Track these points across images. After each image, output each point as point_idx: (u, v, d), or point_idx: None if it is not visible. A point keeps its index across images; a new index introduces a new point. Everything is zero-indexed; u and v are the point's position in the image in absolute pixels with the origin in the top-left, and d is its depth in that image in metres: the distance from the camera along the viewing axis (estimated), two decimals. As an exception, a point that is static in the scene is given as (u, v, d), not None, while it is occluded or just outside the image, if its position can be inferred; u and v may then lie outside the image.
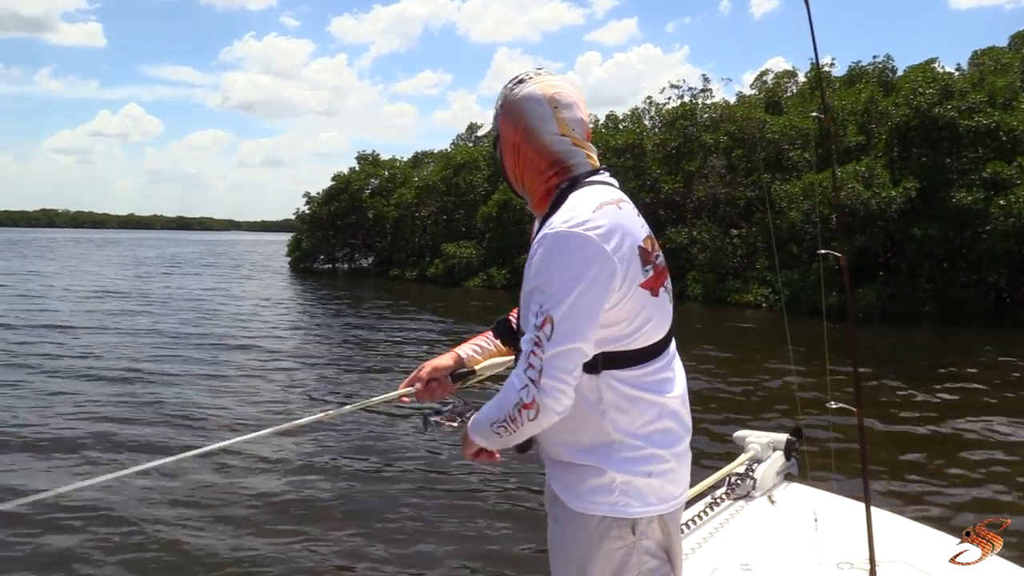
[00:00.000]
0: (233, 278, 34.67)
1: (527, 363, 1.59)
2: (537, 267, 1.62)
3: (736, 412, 8.99)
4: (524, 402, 1.59)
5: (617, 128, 31.62)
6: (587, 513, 1.68)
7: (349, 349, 14.16)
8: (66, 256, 51.70)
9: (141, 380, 10.40)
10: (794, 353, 11.79)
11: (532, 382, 1.58)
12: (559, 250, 1.58)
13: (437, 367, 1.98)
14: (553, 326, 1.56)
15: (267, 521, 5.52)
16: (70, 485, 1.87)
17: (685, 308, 22.29)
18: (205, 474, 6.43)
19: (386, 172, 40.68)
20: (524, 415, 1.60)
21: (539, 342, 1.57)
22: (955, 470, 6.94)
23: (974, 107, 20.60)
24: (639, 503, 1.67)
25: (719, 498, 3.32)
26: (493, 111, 1.83)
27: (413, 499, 6.03)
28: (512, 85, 1.78)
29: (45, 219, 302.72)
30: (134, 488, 5.97)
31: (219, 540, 5.17)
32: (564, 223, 1.59)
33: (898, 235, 21.10)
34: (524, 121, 1.74)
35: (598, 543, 1.68)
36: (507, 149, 1.78)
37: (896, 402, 9.76)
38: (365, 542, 5.21)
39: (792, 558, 2.77)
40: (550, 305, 1.57)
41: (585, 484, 1.68)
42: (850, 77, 27.86)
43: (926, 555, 2.80)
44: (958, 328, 18.14)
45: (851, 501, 3.11)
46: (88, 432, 7.72)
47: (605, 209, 1.62)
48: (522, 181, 1.80)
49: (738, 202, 25.32)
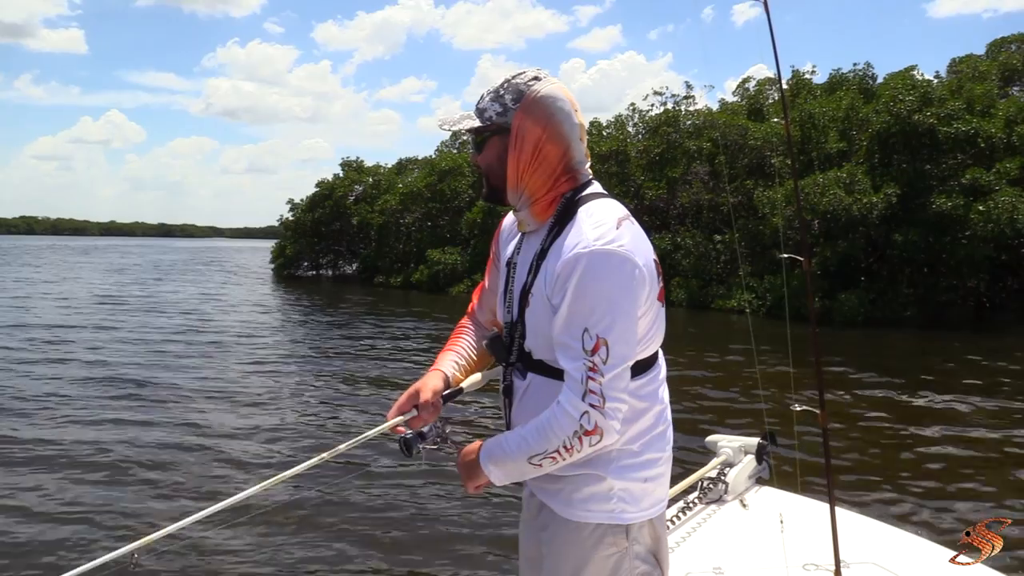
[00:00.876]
0: (222, 284, 34.86)
1: (585, 388, 1.54)
2: (577, 288, 1.55)
3: (708, 416, 9.01)
4: (587, 429, 1.54)
5: (601, 135, 31.74)
6: (581, 521, 1.67)
7: (345, 355, 14.10)
8: (53, 264, 51.17)
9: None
10: (769, 357, 11.89)
11: (594, 408, 1.54)
12: (600, 270, 1.54)
13: (436, 390, 1.84)
14: (608, 349, 1.53)
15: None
16: (183, 522, 1.75)
17: (669, 314, 22.14)
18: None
19: (370, 179, 40.60)
20: (586, 442, 1.56)
21: (595, 367, 1.53)
22: (929, 473, 6.99)
23: (953, 114, 20.84)
24: (635, 508, 1.67)
25: (691, 502, 3.34)
26: (493, 103, 1.69)
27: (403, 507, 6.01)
28: (529, 81, 1.67)
29: (24, 226, 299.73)
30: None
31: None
32: (597, 241, 1.55)
33: (880, 241, 21.30)
34: (554, 121, 1.65)
35: (592, 550, 1.66)
36: (522, 146, 1.66)
37: (874, 406, 9.83)
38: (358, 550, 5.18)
39: (763, 561, 2.78)
40: (601, 328, 1.53)
41: (580, 493, 1.66)
42: (831, 84, 28.10)
43: (894, 556, 2.83)
44: (939, 333, 18.31)
45: (821, 503, 3.10)
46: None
47: (625, 225, 1.60)
48: (525, 183, 1.69)
49: (721, 208, 25.48)
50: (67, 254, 71.72)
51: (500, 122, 1.68)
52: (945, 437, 8.28)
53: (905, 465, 7.26)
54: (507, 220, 1.92)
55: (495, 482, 1.70)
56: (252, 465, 7.04)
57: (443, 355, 1.96)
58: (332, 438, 7.97)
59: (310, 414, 9.32)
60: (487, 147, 1.72)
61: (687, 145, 27.24)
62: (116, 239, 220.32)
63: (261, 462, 7.14)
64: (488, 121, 1.69)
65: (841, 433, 8.19)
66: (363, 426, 7.93)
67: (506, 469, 1.66)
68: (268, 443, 7.83)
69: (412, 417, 1.81)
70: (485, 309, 2.02)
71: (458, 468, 1.77)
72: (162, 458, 7.17)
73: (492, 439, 1.71)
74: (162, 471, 6.81)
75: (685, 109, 29.99)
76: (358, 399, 10.31)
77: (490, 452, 1.68)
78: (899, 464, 7.30)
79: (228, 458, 7.27)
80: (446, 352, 1.97)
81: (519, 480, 1.70)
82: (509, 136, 1.67)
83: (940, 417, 9.21)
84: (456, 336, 2.01)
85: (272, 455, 7.39)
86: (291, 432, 8.34)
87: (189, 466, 6.98)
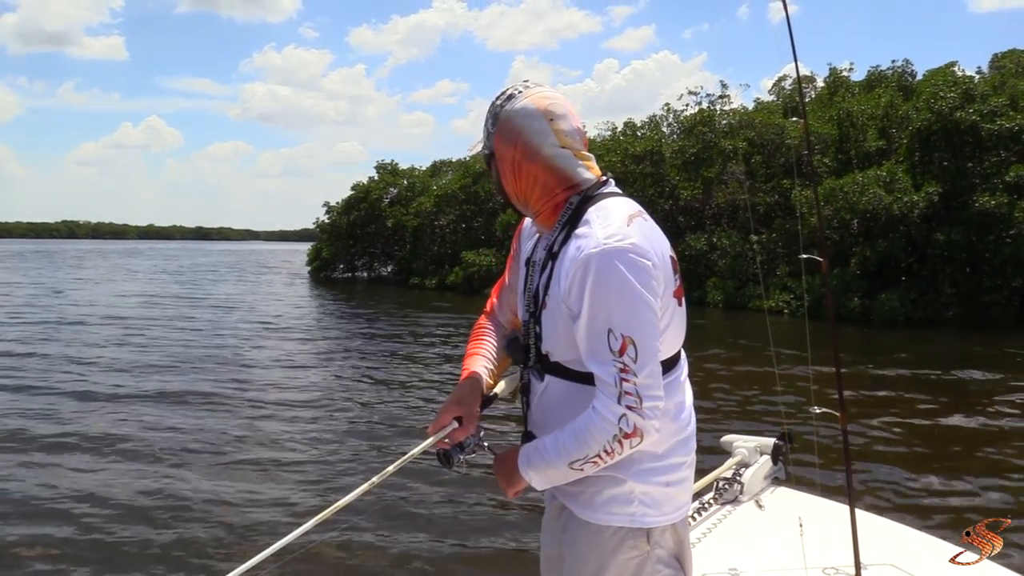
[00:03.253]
0: (270, 284, 36.81)
1: (619, 391, 1.52)
2: (593, 290, 1.53)
3: (726, 416, 8.96)
4: (625, 432, 1.53)
5: (635, 135, 31.67)
6: (602, 524, 1.66)
7: (388, 356, 14.31)
8: (107, 267, 52.56)
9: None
10: (797, 358, 11.73)
11: (631, 410, 1.52)
12: (613, 269, 1.52)
13: (477, 400, 1.82)
14: (636, 348, 1.51)
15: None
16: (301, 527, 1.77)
17: (705, 315, 22.26)
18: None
19: (405, 181, 40.92)
20: (627, 444, 1.54)
21: (626, 368, 1.51)
22: (957, 475, 6.87)
23: (996, 110, 20.49)
24: (656, 512, 1.66)
25: (707, 503, 3.32)
26: (483, 131, 1.75)
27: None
28: (502, 102, 1.69)
29: (66, 230, 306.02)
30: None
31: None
32: (606, 240, 1.53)
33: (920, 240, 20.99)
34: (522, 138, 1.65)
35: (612, 553, 1.66)
36: (505, 168, 1.70)
37: (907, 407, 9.70)
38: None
39: (780, 563, 2.75)
40: (624, 327, 1.52)
41: (601, 495, 1.66)
42: (869, 82, 27.76)
43: (913, 558, 2.79)
44: (982, 333, 18.00)
45: (838, 504, 3.04)
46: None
47: (636, 222, 1.58)
48: (526, 200, 1.72)
49: (758, 208, 25.28)
50: (114, 257, 73.40)
51: (489, 147, 1.73)
52: (976, 437, 8.15)
53: (931, 466, 7.14)
54: (528, 221, 1.93)
55: (536, 486, 1.70)
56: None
57: (473, 360, 1.92)
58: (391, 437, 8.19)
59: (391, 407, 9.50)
60: (493, 169, 1.75)
61: (723, 145, 27.08)
62: (155, 242, 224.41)
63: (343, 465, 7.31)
64: (486, 147, 1.74)
65: (867, 433, 8.13)
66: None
67: (547, 475, 1.65)
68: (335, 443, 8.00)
69: (454, 430, 1.77)
70: (505, 307, 2.00)
71: (496, 474, 1.77)
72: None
73: (529, 445, 1.70)
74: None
75: (720, 108, 29.81)
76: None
77: (529, 459, 1.67)
78: (924, 465, 7.18)
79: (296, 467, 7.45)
80: (475, 357, 1.92)
81: (561, 483, 1.69)
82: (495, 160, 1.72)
83: (974, 419, 9.05)
84: (479, 338, 1.97)
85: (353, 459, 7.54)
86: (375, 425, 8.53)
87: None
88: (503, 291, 2.01)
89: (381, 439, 8.20)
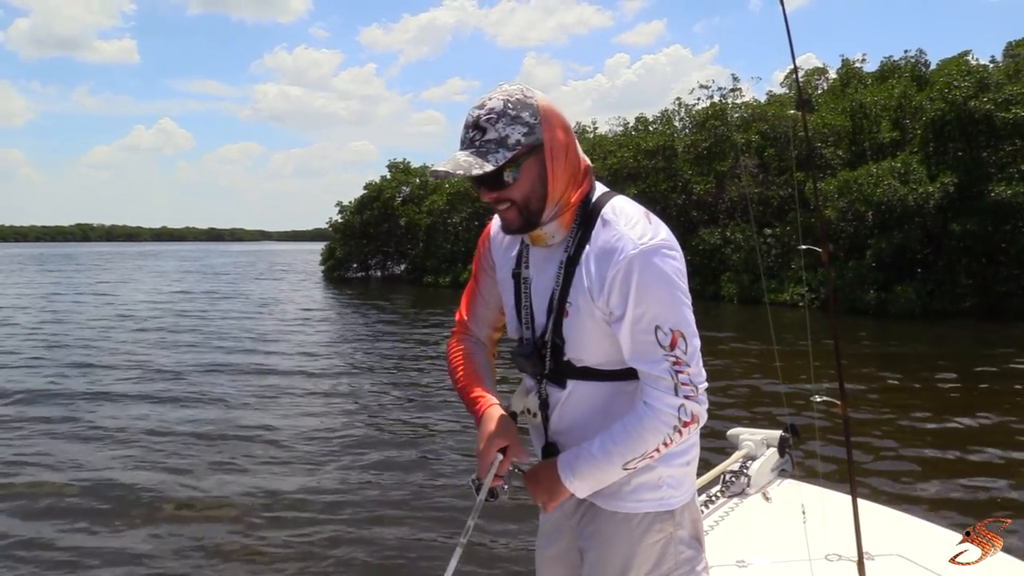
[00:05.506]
0: (287, 283, 37.81)
1: (676, 383, 1.58)
2: (639, 290, 1.55)
3: (733, 410, 8.92)
4: (685, 420, 1.59)
5: (647, 130, 31.63)
6: (630, 512, 1.70)
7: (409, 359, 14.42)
8: (131, 269, 53.08)
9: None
10: (807, 350, 11.67)
11: (688, 399, 1.58)
12: (653, 268, 1.56)
13: (511, 428, 1.76)
14: (686, 340, 1.58)
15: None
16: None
17: (720, 309, 22.23)
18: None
19: (417, 179, 40.99)
20: (685, 432, 1.61)
21: (679, 361, 1.57)
22: (965, 467, 6.82)
23: (1011, 99, 20.30)
24: (679, 493, 1.72)
25: (714, 496, 3.35)
26: (512, 128, 1.58)
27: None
28: (526, 94, 1.60)
29: (80, 233, 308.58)
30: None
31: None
32: (640, 240, 1.57)
33: (936, 231, 20.89)
34: (566, 124, 1.65)
35: (640, 539, 1.70)
36: (558, 156, 1.62)
37: (920, 400, 9.62)
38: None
39: (787, 554, 2.78)
40: (672, 322, 1.57)
41: (629, 485, 1.69)
42: (882, 72, 27.62)
43: (920, 548, 2.81)
44: (999, 324, 17.89)
45: (845, 496, 3.05)
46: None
47: (653, 218, 1.63)
48: (561, 194, 1.64)
49: (771, 201, 25.22)
50: (134, 259, 74.08)
51: (530, 142, 1.58)
52: (985, 431, 8.10)
53: (943, 458, 7.12)
54: (493, 227, 1.89)
55: (579, 495, 1.69)
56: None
57: (477, 388, 1.82)
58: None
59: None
60: (523, 173, 1.60)
61: (735, 138, 27.01)
62: (168, 244, 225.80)
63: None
64: (517, 146, 1.57)
65: (876, 425, 8.10)
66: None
67: (594, 479, 1.65)
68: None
69: (501, 461, 1.71)
70: (482, 323, 1.95)
71: (531, 489, 1.74)
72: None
73: (568, 454, 1.69)
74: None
75: (732, 102, 29.72)
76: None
77: (572, 467, 1.66)
78: (935, 457, 7.15)
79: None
80: (478, 382, 1.84)
81: (602, 487, 1.68)
82: (543, 151, 1.60)
83: (989, 411, 8.97)
84: (470, 361, 1.89)
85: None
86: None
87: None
88: (475, 306, 1.95)
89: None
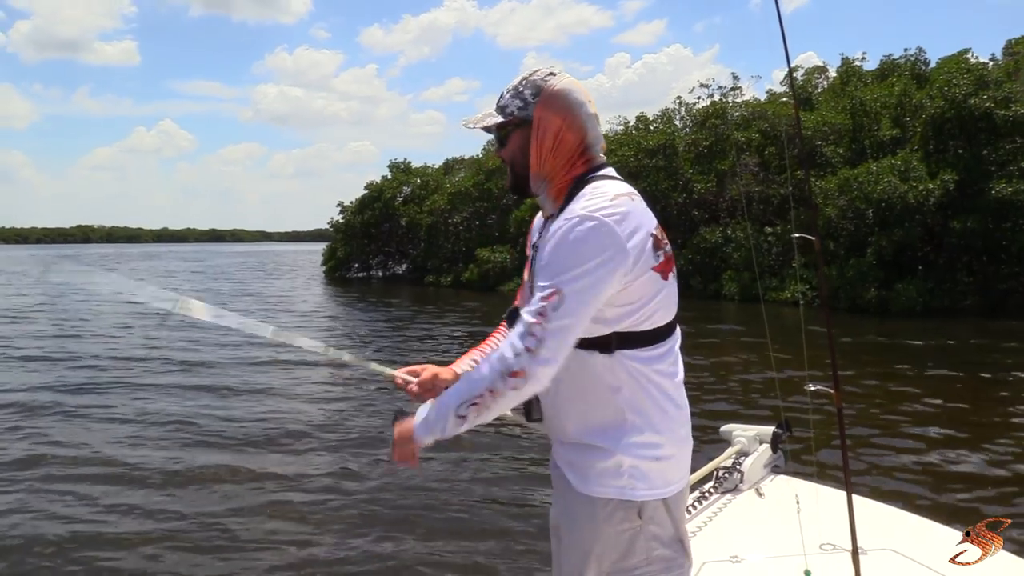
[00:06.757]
0: (294, 282, 37.90)
1: (526, 331, 1.59)
2: (553, 248, 1.62)
3: (726, 406, 8.98)
4: (513, 369, 1.58)
5: (648, 129, 31.65)
6: (595, 496, 1.72)
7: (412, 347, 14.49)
8: (140, 271, 53.05)
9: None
10: (807, 348, 11.68)
11: (528, 351, 1.58)
12: (576, 232, 1.60)
13: (439, 377, 1.96)
14: (562, 299, 1.58)
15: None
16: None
17: (721, 307, 22.28)
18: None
19: (418, 179, 41.06)
20: (508, 384, 1.59)
21: (543, 312, 1.58)
22: (964, 465, 6.85)
23: (1010, 97, 20.36)
24: (645, 486, 1.70)
25: (707, 492, 3.36)
26: (513, 100, 1.79)
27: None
28: (545, 76, 1.78)
29: (81, 235, 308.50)
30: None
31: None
32: (583, 209, 1.62)
33: (937, 229, 20.93)
34: (572, 111, 1.76)
35: (604, 525, 1.71)
36: (546, 136, 1.76)
37: (921, 396, 9.64)
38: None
39: (780, 549, 2.79)
40: (561, 281, 1.59)
41: (594, 468, 1.72)
42: (882, 70, 27.65)
43: (913, 543, 2.83)
44: (999, 322, 17.92)
45: (838, 491, 3.05)
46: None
47: (621, 199, 1.65)
48: (552, 173, 1.78)
49: (772, 199, 25.27)
50: (138, 260, 74.19)
51: (521, 116, 1.78)
52: (985, 428, 8.12)
53: (939, 455, 7.14)
54: (538, 217, 1.98)
55: (417, 435, 1.72)
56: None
57: (468, 353, 2.04)
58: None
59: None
60: (510, 140, 1.81)
61: (735, 137, 27.06)
62: (170, 245, 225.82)
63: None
64: (510, 116, 1.79)
65: (875, 423, 8.15)
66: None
67: (438, 424, 1.69)
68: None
69: (407, 384, 1.94)
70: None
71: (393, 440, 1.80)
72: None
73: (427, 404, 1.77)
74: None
75: (732, 100, 29.76)
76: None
77: (427, 413, 1.73)
78: (931, 454, 7.18)
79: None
80: (471, 351, 2.05)
81: (441, 437, 1.71)
82: (531, 128, 1.76)
83: (986, 407, 9.04)
84: (488, 338, 2.09)
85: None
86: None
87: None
88: (524, 291, 2.06)
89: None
